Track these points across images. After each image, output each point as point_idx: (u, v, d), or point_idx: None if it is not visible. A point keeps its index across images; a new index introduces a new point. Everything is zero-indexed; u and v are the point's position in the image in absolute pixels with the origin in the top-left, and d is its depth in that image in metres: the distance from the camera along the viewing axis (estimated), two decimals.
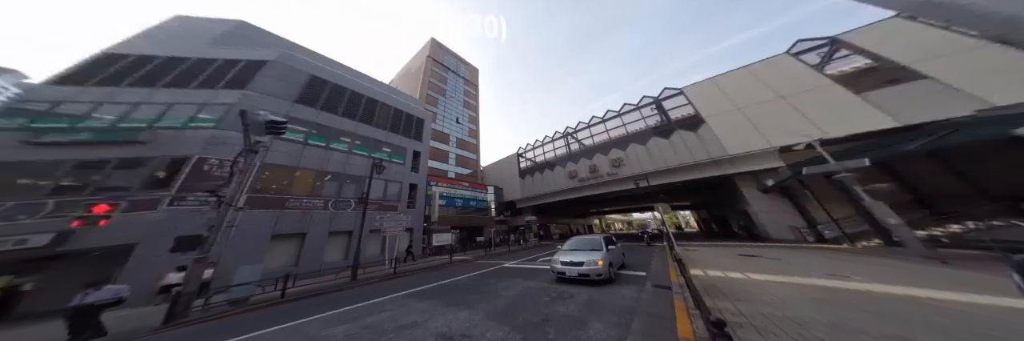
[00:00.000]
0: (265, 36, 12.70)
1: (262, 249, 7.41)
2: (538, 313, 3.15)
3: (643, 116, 15.93)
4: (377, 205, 10.87)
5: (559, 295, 3.89)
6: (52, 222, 5.44)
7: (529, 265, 7.43)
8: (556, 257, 4.96)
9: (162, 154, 7.01)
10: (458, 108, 30.28)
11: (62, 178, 6.21)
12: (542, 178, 21.32)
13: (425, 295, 4.57)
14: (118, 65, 8.54)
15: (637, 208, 32.88)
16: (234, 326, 3.57)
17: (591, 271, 4.37)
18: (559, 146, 21.55)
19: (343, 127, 11.48)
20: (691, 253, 7.88)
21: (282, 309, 4.37)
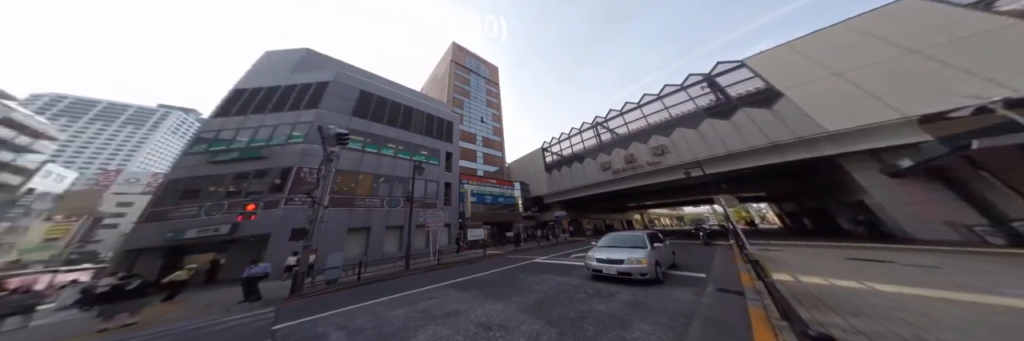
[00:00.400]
0: (325, 60, 14.80)
1: (341, 240, 9.35)
2: (574, 309, 3.08)
3: (691, 97, 13.34)
4: (420, 203, 12.28)
5: (596, 293, 3.73)
6: (228, 217, 8.01)
7: (561, 261, 7.36)
8: (591, 254, 4.75)
9: (276, 166, 9.33)
10: (482, 108, 30.94)
11: (229, 186, 8.97)
12: (570, 172, 20.34)
13: (464, 286, 4.90)
14: (242, 98, 11.34)
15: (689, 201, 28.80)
16: (331, 301, 4.59)
17: (633, 269, 4.05)
18: (588, 137, 20.03)
19: (388, 134, 13.00)
20: (773, 254, 6.56)
21: (358, 291, 5.38)
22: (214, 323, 3.82)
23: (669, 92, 14.90)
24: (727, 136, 11.80)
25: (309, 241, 5.94)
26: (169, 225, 8.10)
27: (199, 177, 9.14)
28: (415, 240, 11.36)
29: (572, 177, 20.30)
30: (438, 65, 35.53)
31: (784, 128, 9.93)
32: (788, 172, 12.73)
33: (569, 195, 20.91)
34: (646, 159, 14.67)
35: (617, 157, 16.59)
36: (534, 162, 26.21)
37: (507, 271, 6.35)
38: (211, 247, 8.48)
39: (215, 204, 8.49)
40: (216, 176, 9.17)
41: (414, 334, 2.70)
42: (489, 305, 3.56)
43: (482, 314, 3.20)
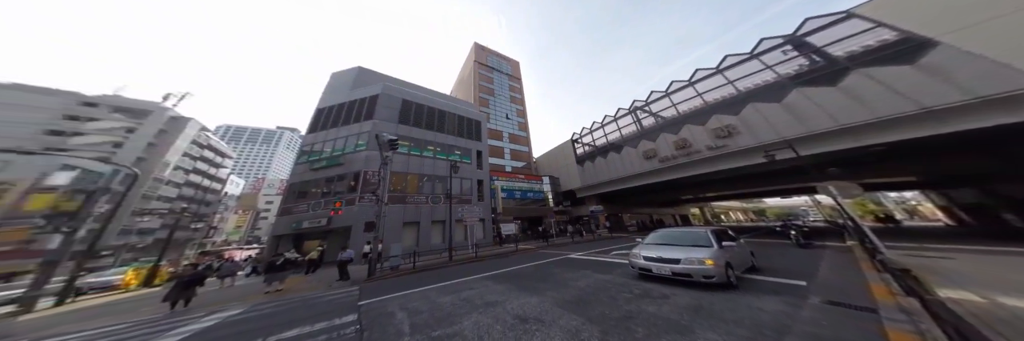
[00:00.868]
0: (373, 75, 16.59)
1: (399, 232, 10.83)
2: (618, 308, 2.89)
3: (766, 65, 10.25)
4: (457, 199, 13.16)
5: (644, 293, 3.38)
6: (324, 212, 10.24)
7: (600, 258, 6.90)
8: (637, 251, 4.23)
9: (350, 170, 11.28)
10: (506, 104, 30.58)
11: (323, 187, 11.36)
12: (605, 163, 18.44)
13: (500, 279, 5.00)
14: (322, 116, 13.86)
15: (772, 191, 22.96)
16: (395, 285, 5.35)
17: (694, 271, 3.47)
18: (625, 124, 17.60)
19: (427, 137, 14.08)
20: (934, 262, 4.79)
21: (414, 277, 6.12)
22: (322, 295, 4.92)
23: (733, 64, 11.93)
24: (835, 106, 8.67)
25: (377, 233, 7.02)
26: (293, 218, 10.82)
27: (305, 181, 11.84)
28: (455, 233, 12.31)
29: (608, 168, 18.46)
30: (463, 67, 36.45)
31: (949, 87, 6.72)
32: (960, 145, 8.58)
33: (605, 188, 19.25)
34: (705, 143, 12.11)
35: (665, 143, 14.23)
36: (563, 155, 24.73)
37: (540, 266, 6.30)
38: (318, 235, 10.99)
39: (316, 202, 10.89)
40: (315, 180, 11.70)
41: (459, 320, 2.86)
42: (524, 298, 3.55)
43: (518, 306, 3.21)
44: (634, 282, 3.98)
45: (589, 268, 5.47)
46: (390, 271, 6.88)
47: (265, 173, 70.44)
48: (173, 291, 4.76)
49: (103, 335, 3.60)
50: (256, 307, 4.39)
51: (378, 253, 6.85)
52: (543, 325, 2.56)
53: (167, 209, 20.76)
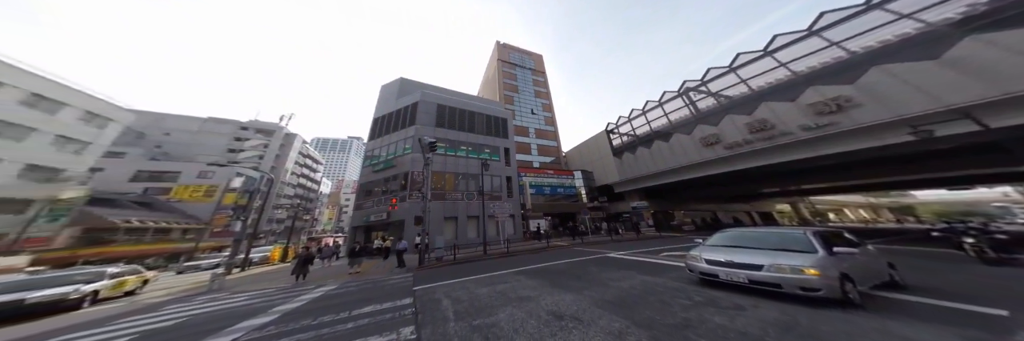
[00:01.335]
0: (413, 84, 18.13)
1: (441, 226, 11.91)
2: (672, 315, 2.56)
3: (903, 13, 7.07)
4: (489, 196, 13.56)
5: (709, 301, 2.90)
6: (384, 208, 12.12)
7: (647, 258, 6.18)
8: (697, 253, 3.62)
9: (400, 171, 12.89)
10: (531, 99, 29.76)
11: (382, 186, 13.40)
12: (649, 154, 16.17)
13: (532, 274, 5.00)
14: (378, 125, 15.98)
15: (923, 181, 16.33)
16: (440, 274, 5.90)
17: (785, 281, 2.74)
18: (673, 109, 15.02)
19: (460, 138, 14.87)
20: None
21: (455, 268, 6.63)
22: (385, 279, 5.83)
23: (835, 21, 8.74)
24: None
25: (425, 226, 7.89)
26: (363, 213, 13.18)
27: (370, 182, 14.15)
28: (488, 229, 12.69)
29: (652, 160, 16.20)
30: (488, 67, 36.88)
31: None
32: None
33: (650, 182, 16.97)
34: (798, 122, 9.48)
35: (732, 127, 11.65)
36: (597, 147, 22.66)
37: (575, 263, 6.06)
38: (381, 227, 13.10)
39: (378, 199, 12.98)
40: (376, 180, 13.87)
41: (495, 312, 2.94)
42: (558, 295, 3.47)
43: (552, 303, 3.15)
44: (693, 288, 3.47)
45: (632, 269, 5.02)
46: (436, 261, 7.67)
47: (343, 175, 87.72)
48: (296, 267, 6.42)
49: (262, 295, 5.10)
50: (344, 285, 5.47)
51: (426, 245, 7.70)
52: (580, 323, 2.45)
53: (289, 204, 28.22)
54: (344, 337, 2.47)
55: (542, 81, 33.03)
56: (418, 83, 18.38)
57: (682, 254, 5.81)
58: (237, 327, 3.02)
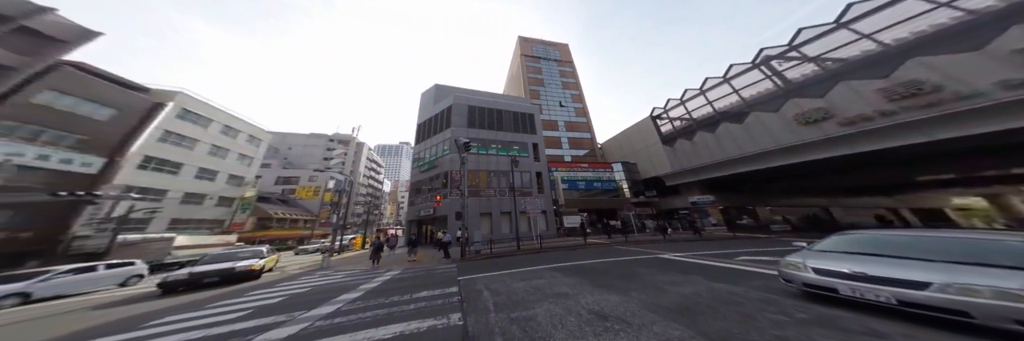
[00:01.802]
0: (447, 89, 19.34)
1: (477, 222, 12.65)
2: (758, 330, 2.07)
3: None
4: (520, 192, 13.70)
5: (818, 320, 2.22)
6: (430, 204, 13.63)
7: (716, 262, 5.22)
8: (801, 260, 2.86)
9: (441, 171, 14.21)
10: (558, 92, 28.04)
11: (428, 185, 15.10)
12: (714, 139, 13.43)
13: (568, 272, 4.85)
14: (422, 129, 17.78)
15: None
16: (479, 267, 6.29)
17: (989, 310, 1.84)
18: (745, 84, 12.03)
19: (489, 137, 15.33)
20: None
21: (492, 262, 6.99)
22: (436, 268, 6.61)
23: None
24: None
25: (464, 221, 8.58)
26: (415, 209, 15.26)
27: (418, 181, 16.17)
28: (520, 224, 12.85)
29: (720, 145, 13.40)
30: (511, 63, 36.42)
31: None
32: None
33: (716, 172, 14.09)
34: (990, 78, 6.36)
35: (851, 97, 8.66)
36: (640, 136, 20.01)
37: (618, 263, 5.61)
38: (430, 222, 14.89)
39: (425, 196, 14.73)
40: (423, 180, 15.73)
41: (532, 306, 2.96)
42: (601, 295, 3.27)
43: (593, 302, 2.99)
44: (792, 302, 2.75)
45: (696, 273, 4.34)
46: (475, 254, 8.25)
47: (398, 176, 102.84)
48: (372, 253, 7.97)
49: (349, 276, 6.46)
50: (405, 271, 6.45)
51: (466, 238, 8.38)
52: (628, 327, 2.26)
53: (363, 201, 35.07)
54: (408, 316, 2.89)
55: (569, 71, 30.87)
56: (451, 88, 19.55)
57: (769, 260, 4.83)
58: (339, 299, 3.92)
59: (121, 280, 7.33)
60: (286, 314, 3.23)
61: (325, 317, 3.01)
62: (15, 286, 5.61)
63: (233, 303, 4.10)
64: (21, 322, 4.07)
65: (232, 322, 3.04)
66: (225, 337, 2.58)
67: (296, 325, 2.77)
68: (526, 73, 28.76)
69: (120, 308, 4.48)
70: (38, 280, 5.88)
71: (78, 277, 6.49)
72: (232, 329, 2.80)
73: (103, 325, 3.46)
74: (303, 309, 3.41)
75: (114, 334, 2.99)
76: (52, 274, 6.12)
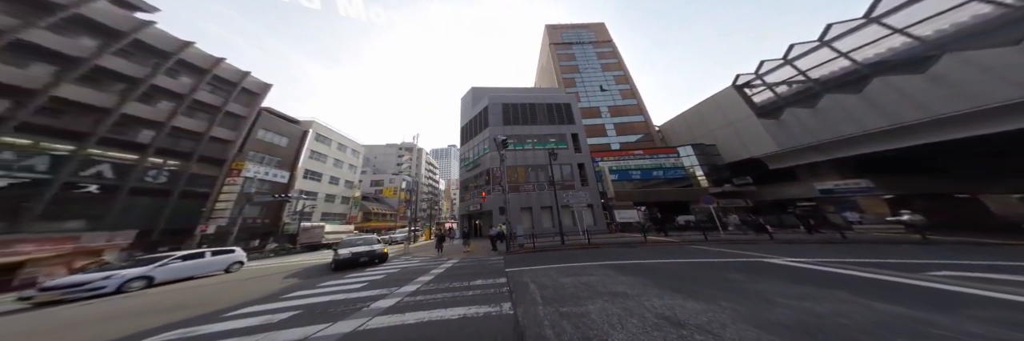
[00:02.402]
0: (482, 90, 20.06)
1: (519, 216, 12.97)
2: None
3: None
4: (560, 185, 13.18)
5: None
6: (477, 200, 14.99)
7: (877, 274, 3.52)
8: None
9: (484, 169, 15.21)
10: (597, 76, 24.75)
11: (474, 182, 16.63)
12: (857, 101, 9.17)
13: (625, 270, 4.49)
14: (466, 132, 19.25)
15: None
16: (523, 260, 6.51)
17: None
18: (913, 21, 7.54)
19: (525, 132, 15.29)
20: None
21: (536, 255, 7.11)
22: (485, 259, 7.28)
23: None
24: None
25: (507, 216, 9.04)
26: (465, 204, 17.15)
27: (466, 179, 17.93)
28: (562, 219, 12.41)
29: (874, 108, 9.02)
30: (540, 54, 34.42)
31: None
32: None
33: (880, 144, 9.32)
34: None
35: None
36: (716, 112, 15.78)
37: (699, 265, 4.87)
38: (477, 217, 16.42)
39: (472, 193, 16.25)
40: (469, 178, 17.34)
41: (583, 303, 2.87)
42: (671, 299, 2.88)
43: (662, 306, 2.65)
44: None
45: (841, 287, 3.13)
46: (519, 248, 8.60)
47: (450, 176, 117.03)
48: (437, 243, 9.52)
49: (423, 262, 7.77)
50: (463, 260, 7.25)
51: (511, 232, 8.82)
52: (716, 339, 1.88)
53: (426, 199, 41.94)
54: (468, 301, 3.32)
55: (608, 52, 26.97)
56: (485, 88, 20.28)
57: (996, 278, 3.21)
58: (418, 280, 4.88)
59: (225, 266, 7.54)
60: (387, 288, 4.29)
61: (410, 294, 3.82)
62: (141, 270, 5.81)
63: (355, 277, 5.65)
64: (251, 279, 6.52)
65: (356, 291, 4.27)
66: (353, 302, 3.64)
67: (393, 298, 3.63)
68: (558, 62, 26.70)
69: (300, 278, 6.49)
70: (158, 265, 5.99)
71: (188, 263, 6.64)
72: (358, 296, 3.92)
73: (295, 285, 5.46)
74: (395, 286, 4.44)
75: (304, 289, 4.73)
76: (170, 259, 6.30)
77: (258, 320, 3.01)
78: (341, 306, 3.39)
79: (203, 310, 3.72)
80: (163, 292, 5.58)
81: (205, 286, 6.00)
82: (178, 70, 13.23)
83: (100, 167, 10.27)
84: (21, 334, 3.43)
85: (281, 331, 2.60)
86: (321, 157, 21.96)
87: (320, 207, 21.46)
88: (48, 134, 9.14)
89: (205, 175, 13.68)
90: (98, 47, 10.51)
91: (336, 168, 23.80)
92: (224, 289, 5.45)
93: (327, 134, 22.69)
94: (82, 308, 4.51)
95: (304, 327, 2.67)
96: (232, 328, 2.81)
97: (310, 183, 20.73)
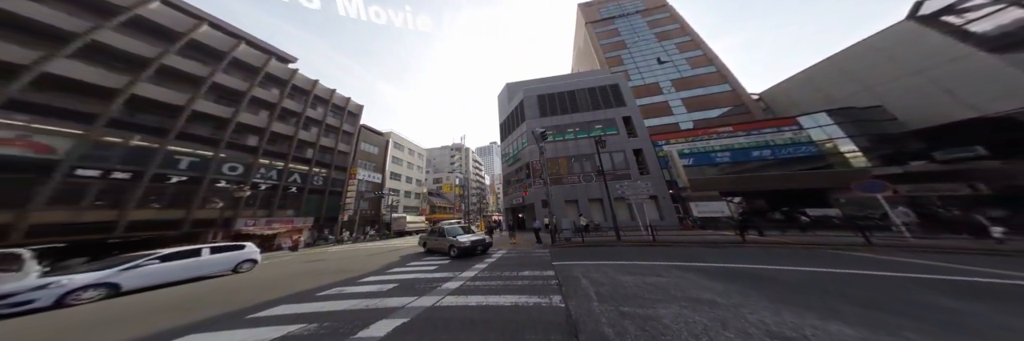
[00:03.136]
0: (517, 84, 20.13)
1: (564, 209, 12.51)
2: None
3: None
4: (611, 175, 11.83)
5: None
6: (519, 194, 15.43)
7: None
8: None
9: (523, 163, 15.33)
10: (652, 48, 20.59)
11: (515, 176, 17.09)
12: None
13: (711, 274, 3.77)
14: (504, 128, 19.94)
15: None
16: (570, 254, 6.16)
17: None
18: None
19: (564, 122, 14.37)
20: None
21: (584, 250, 6.73)
22: (530, 251, 7.46)
23: None
24: None
25: (550, 209, 8.90)
26: (508, 198, 18.05)
27: (507, 174, 18.74)
28: (618, 212, 11.23)
29: None
30: (576, 37, 31.24)
31: None
32: None
33: None
34: None
35: None
36: (875, 62, 10.64)
37: (844, 277, 3.49)
38: (521, 210, 16.89)
39: (514, 187, 16.82)
40: (511, 172, 17.94)
41: (650, 305, 2.59)
42: (795, 317, 2.15)
43: (777, 323, 2.04)
44: None
45: None
46: (565, 242, 8.38)
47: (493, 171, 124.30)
48: (487, 234, 10.46)
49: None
50: (510, 251, 7.47)
51: (555, 226, 8.64)
52: None
53: (475, 193, 46.46)
54: (519, 290, 3.55)
55: (665, 18, 22.28)
56: (519, 83, 20.08)
57: None
58: (475, 267, 5.51)
59: (232, 265, 6.07)
60: (451, 272, 5.08)
61: (470, 279, 4.42)
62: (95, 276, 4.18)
63: (429, 261, 6.52)
64: (371, 255, 9.07)
65: (431, 272, 5.22)
66: (430, 281, 4.46)
67: (458, 282, 4.28)
68: (598, 41, 23.46)
69: (396, 257, 8.79)
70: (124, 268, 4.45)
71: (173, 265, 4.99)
72: (433, 277, 4.80)
73: (394, 263, 7.06)
74: (458, 271, 5.17)
75: (399, 267, 6.12)
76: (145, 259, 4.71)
77: (374, 288, 4.18)
78: (422, 284, 4.25)
79: (351, 275, 5.47)
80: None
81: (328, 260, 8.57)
82: (315, 103, 18.88)
83: (294, 175, 16.43)
84: None
85: (389, 298, 3.51)
86: (398, 161, 28.02)
87: (401, 202, 27.46)
88: (267, 155, 15.30)
89: (338, 179, 19.08)
90: (280, 92, 16.12)
91: (408, 169, 29.72)
92: (346, 264, 7.55)
93: (401, 142, 28.26)
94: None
95: (401, 297, 3.52)
96: (365, 291, 4.00)
97: (393, 182, 26.70)
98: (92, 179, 9.44)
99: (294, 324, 2.68)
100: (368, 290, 4.04)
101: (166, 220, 10.93)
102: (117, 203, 9.86)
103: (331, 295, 3.88)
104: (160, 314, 3.44)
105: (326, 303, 3.44)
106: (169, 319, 3.15)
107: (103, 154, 9.67)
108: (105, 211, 9.59)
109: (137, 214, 10.11)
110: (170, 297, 4.36)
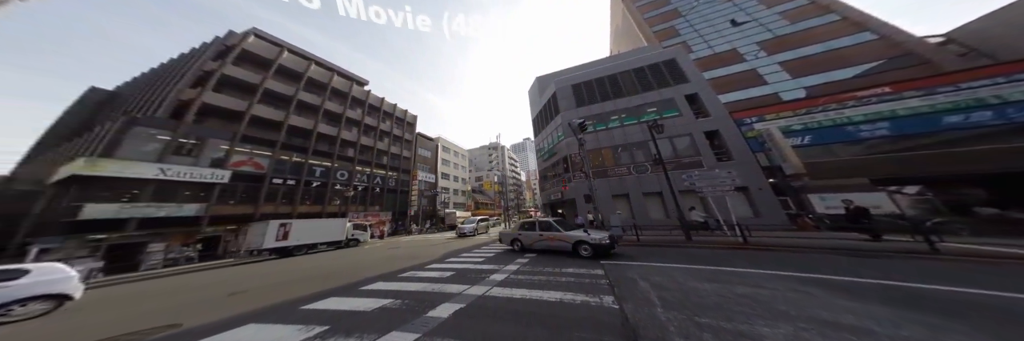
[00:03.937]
0: (548, 77, 19.19)
1: (611, 204, 11.22)
2: None
3: None
4: (673, 164, 9.83)
5: None
6: (558, 189, 14.77)
7: None
8: None
9: (561, 156, 14.55)
10: (719, 9, 16.41)
11: (552, 171, 16.45)
12: None
13: (853, 292, 2.77)
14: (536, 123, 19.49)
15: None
16: (623, 253, 5.56)
17: None
18: None
19: (606, 109, 12.93)
20: None
21: (640, 250, 5.98)
22: None
23: None
24: None
25: (594, 204, 8.23)
26: (545, 193, 17.56)
27: (544, 169, 18.12)
28: (688, 208, 9.22)
29: None
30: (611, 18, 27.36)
31: None
32: None
33: None
34: None
35: None
36: None
37: None
38: (559, 205, 16.22)
39: (552, 182, 16.25)
40: (547, 167, 17.32)
41: (747, 321, 2.11)
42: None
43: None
44: None
45: None
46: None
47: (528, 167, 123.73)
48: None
49: None
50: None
51: (600, 222, 7.94)
52: None
53: (512, 190, 47.68)
54: (562, 286, 3.48)
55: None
56: (548, 76, 19.06)
57: None
58: (516, 261, 5.69)
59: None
60: (497, 265, 5.40)
61: (513, 272, 4.60)
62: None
63: (476, 253, 7.05)
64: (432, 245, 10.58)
65: (479, 264, 5.68)
66: (479, 272, 4.83)
67: (502, 274, 4.53)
68: (643, 14, 19.90)
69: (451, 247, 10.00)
70: None
71: None
72: (481, 268, 5.21)
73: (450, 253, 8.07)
74: (503, 264, 5.47)
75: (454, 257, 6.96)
76: None
77: (436, 274, 4.88)
78: (473, 274, 4.69)
79: (419, 261, 6.53)
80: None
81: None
82: (384, 117, 23.56)
83: (376, 178, 21.46)
84: None
85: (449, 285, 4.02)
86: (446, 162, 32.03)
87: (451, 199, 31.15)
88: (360, 163, 20.34)
89: (404, 180, 23.97)
90: (361, 111, 21.18)
91: (454, 169, 33.46)
92: (414, 251, 9.31)
93: (447, 145, 31.92)
94: None
95: (457, 285, 3.98)
96: (430, 276, 4.73)
97: (444, 182, 30.52)
98: (279, 185, 14.88)
99: (386, 298, 3.34)
100: (432, 275, 4.74)
101: (314, 213, 16.10)
102: (291, 200, 15.23)
103: (408, 277, 4.76)
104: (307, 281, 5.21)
105: (405, 283, 4.17)
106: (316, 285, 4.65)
107: (281, 168, 15.11)
108: (285, 206, 14.96)
109: (302, 209, 15.43)
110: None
